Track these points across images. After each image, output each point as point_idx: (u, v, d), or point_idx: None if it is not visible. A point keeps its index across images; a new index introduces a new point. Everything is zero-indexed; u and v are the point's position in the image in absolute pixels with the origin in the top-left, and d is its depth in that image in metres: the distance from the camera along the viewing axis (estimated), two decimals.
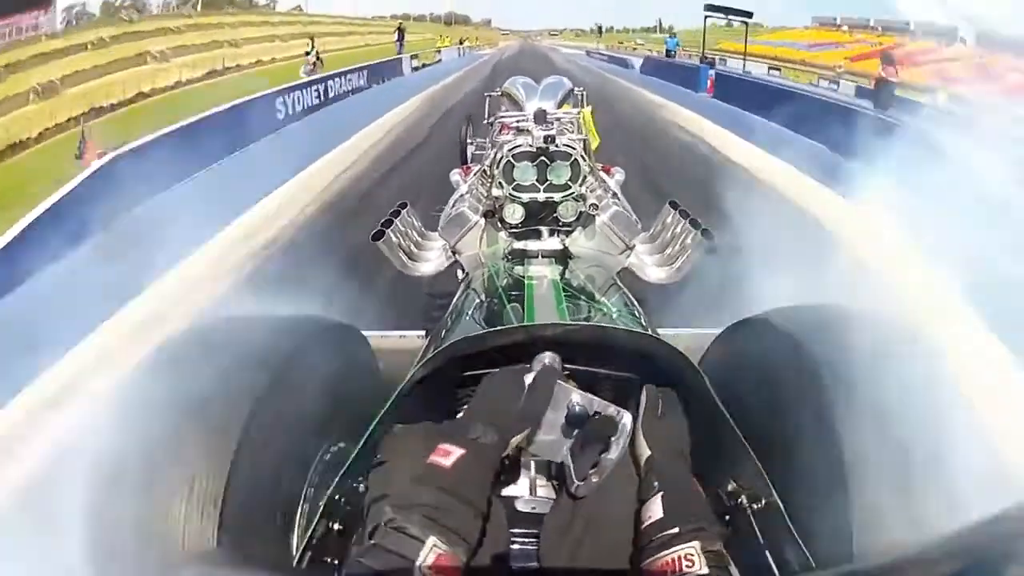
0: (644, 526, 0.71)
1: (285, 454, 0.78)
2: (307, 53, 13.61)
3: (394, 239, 1.78)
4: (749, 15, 15.71)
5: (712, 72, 12.51)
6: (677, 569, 0.65)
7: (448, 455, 0.68)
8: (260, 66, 14.84)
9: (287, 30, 17.38)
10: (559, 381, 0.78)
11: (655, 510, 0.71)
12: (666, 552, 0.67)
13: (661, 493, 0.72)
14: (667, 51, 17.54)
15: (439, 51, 19.36)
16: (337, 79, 11.41)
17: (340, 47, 17.62)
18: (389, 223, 1.77)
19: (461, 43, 21.58)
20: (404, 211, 1.87)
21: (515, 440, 0.75)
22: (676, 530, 0.68)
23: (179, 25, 14.03)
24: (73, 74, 10.36)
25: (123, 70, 11.36)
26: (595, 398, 0.77)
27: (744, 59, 16.93)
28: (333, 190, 5.56)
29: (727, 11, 15.68)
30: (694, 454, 0.88)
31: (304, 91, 9.81)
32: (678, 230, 1.83)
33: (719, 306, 1.85)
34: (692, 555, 0.65)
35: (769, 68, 18.60)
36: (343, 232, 3.96)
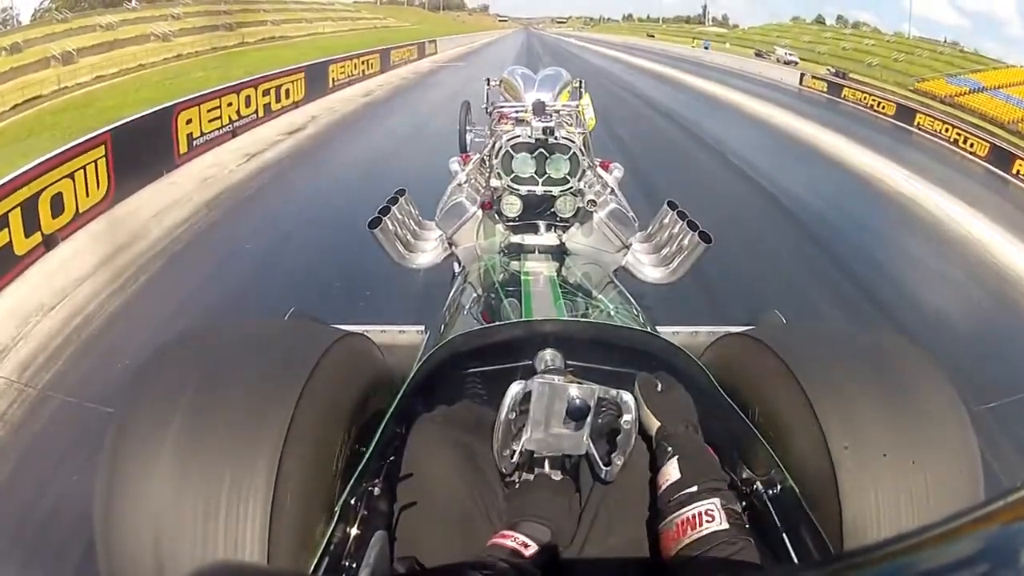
0: (662, 490, 0.72)
1: (312, 461, 0.76)
2: None
3: (391, 227, 1.72)
4: None
5: None
6: (698, 525, 0.66)
7: None
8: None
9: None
10: (554, 378, 0.77)
11: (672, 472, 0.72)
12: (686, 509, 0.67)
13: (676, 456, 0.73)
14: None
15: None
16: None
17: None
18: (386, 210, 1.72)
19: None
20: (402, 198, 1.82)
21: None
22: (695, 488, 0.68)
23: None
24: None
25: None
26: (594, 385, 0.76)
27: None
28: None
29: None
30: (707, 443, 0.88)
31: None
32: (675, 231, 1.82)
33: None
34: (712, 511, 0.66)
35: None
36: None
